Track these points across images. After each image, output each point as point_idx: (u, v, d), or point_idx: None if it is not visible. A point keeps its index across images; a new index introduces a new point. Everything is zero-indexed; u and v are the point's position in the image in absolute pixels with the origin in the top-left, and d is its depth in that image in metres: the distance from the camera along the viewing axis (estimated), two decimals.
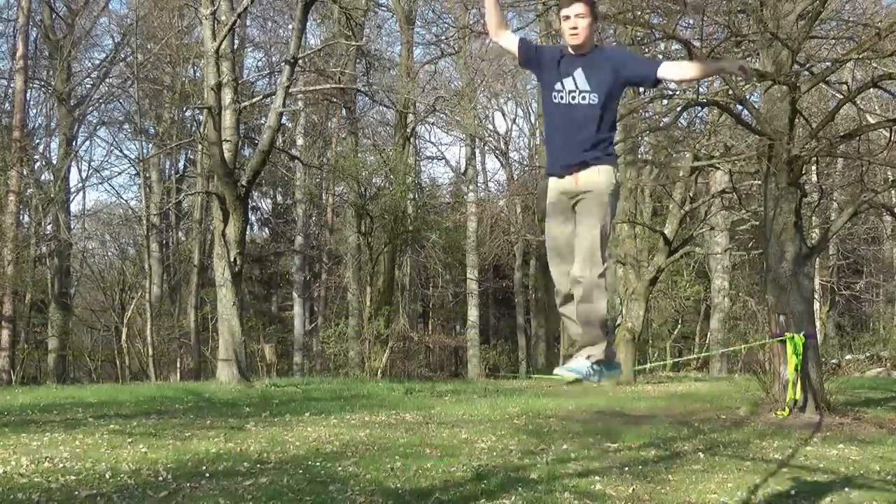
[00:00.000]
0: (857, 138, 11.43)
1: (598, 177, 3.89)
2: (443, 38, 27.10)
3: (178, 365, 24.53)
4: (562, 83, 3.94)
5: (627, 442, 8.28)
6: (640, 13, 10.91)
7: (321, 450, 7.36)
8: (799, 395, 9.94)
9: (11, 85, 23.77)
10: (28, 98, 24.00)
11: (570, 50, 3.96)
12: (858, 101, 11.96)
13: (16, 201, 21.93)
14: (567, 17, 3.90)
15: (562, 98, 3.93)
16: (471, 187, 28.94)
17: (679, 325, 26.22)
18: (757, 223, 18.42)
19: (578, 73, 3.91)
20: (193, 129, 26.33)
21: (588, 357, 3.93)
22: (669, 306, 25.62)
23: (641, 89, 14.32)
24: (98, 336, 27.76)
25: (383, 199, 23.24)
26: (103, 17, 26.24)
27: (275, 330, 28.12)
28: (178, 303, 27.30)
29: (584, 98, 3.88)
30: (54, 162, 24.49)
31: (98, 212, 30.05)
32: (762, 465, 7.06)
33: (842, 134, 11.54)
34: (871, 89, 11.34)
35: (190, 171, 29.05)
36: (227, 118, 15.77)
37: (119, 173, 60.48)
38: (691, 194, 18.64)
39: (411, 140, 26.74)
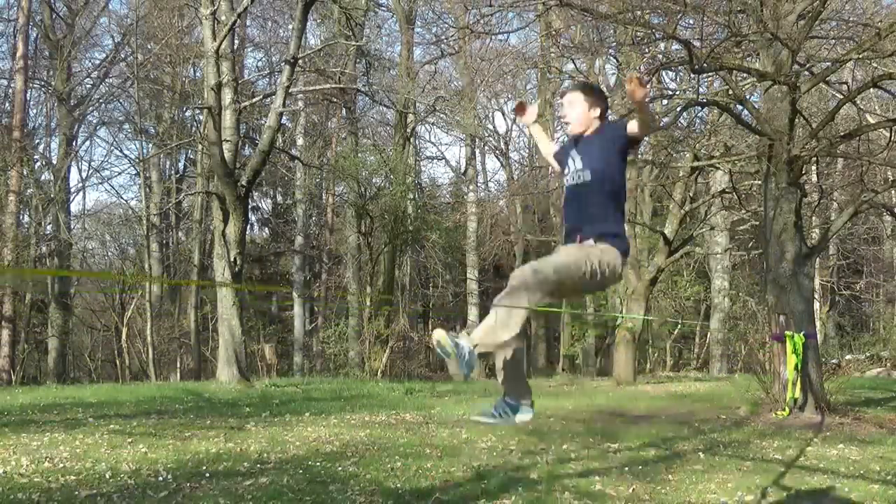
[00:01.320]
0: (857, 138, 11.42)
1: (598, 252, 3.81)
2: (443, 38, 27.12)
3: (178, 365, 24.54)
4: (567, 167, 4.08)
5: (627, 442, 8.28)
6: (640, 13, 10.90)
7: (321, 450, 7.36)
8: (799, 395, 9.94)
9: (11, 85, 23.78)
10: (28, 98, 24.03)
11: (572, 136, 4.14)
12: (858, 101, 11.96)
13: (16, 201, 21.94)
14: (560, 106, 4.15)
15: (569, 180, 4.06)
16: (471, 187, 28.95)
17: (679, 325, 26.22)
18: (757, 223, 18.43)
19: (574, 154, 4.05)
20: (193, 129, 26.34)
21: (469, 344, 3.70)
22: (669, 306, 25.63)
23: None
24: (98, 336, 27.76)
25: (383, 199, 23.25)
26: (103, 17, 26.28)
27: (275, 330, 28.13)
28: (178, 303, 27.30)
29: (578, 177, 3.97)
30: (54, 162, 24.49)
31: (98, 212, 30.07)
32: (762, 465, 7.05)
33: (842, 134, 11.54)
34: (871, 89, 11.32)
35: (190, 171, 29.06)
36: (227, 118, 15.78)
37: (119, 173, 60.49)
38: (691, 194, 18.65)
39: (411, 140, 26.75)
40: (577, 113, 4.03)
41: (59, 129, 24.46)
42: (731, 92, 10.97)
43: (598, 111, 4.03)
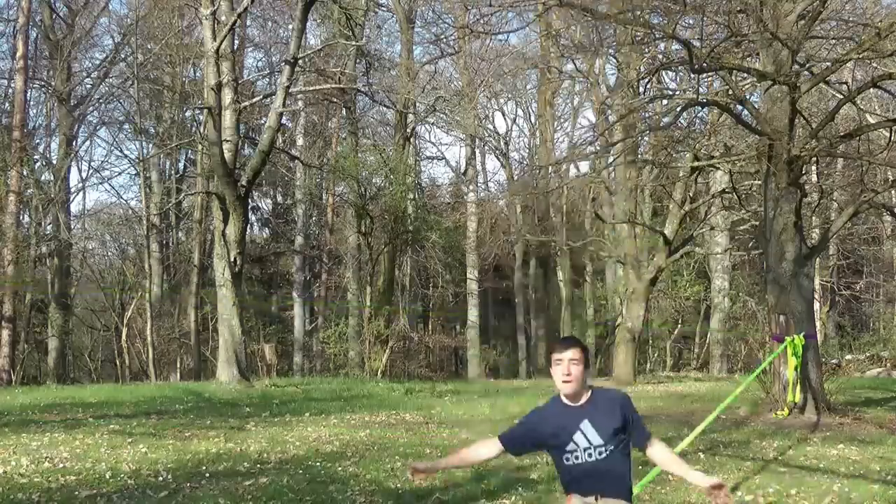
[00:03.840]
0: (857, 138, 11.42)
1: None
2: (443, 38, 27.15)
3: (178, 365, 24.54)
4: (574, 442, 3.62)
5: None
6: (640, 13, 10.91)
7: (321, 450, 7.36)
8: (799, 396, 9.93)
9: (11, 85, 23.77)
10: (28, 98, 24.02)
11: (565, 400, 3.67)
12: (858, 101, 11.95)
13: (16, 201, 21.93)
14: (560, 361, 3.60)
15: (577, 458, 3.62)
16: (471, 187, 28.96)
17: (679, 325, 26.22)
18: (757, 223, 18.42)
19: (587, 427, 3.62)
20: (193, 129, 26.34)
21: None
22: (669, 306, 25.63)
23: (641, 88, 14.35)
24: (98, 336, 27.76)
25: (383, 199, 23.25)
26: (103, 17, 26.25)
27: (275, 330, 28.13)
28: (178, 303, 27.29)
29: (600, 454, 3.59)
30: (54, 162, 24.48)
31: (98, 212, 30.06)
32: (762, 465, 7.05)
33: (842, 134, 11.54)
34: (871, 89, 11.33)
35: (190, 171, 29.05)
36: (227, 118, 15.77)
37: (119, 173, 60.52)
38: (691, 194, 18.64)
39: (411, 140, 26.75)
40: (579, 372, 3.62)
41: (59, 129, 24.45)
42: (731, 92, 10.97)
43: (588, 373, 3.70)
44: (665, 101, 13.91)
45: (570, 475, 3.65)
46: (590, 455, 3.59)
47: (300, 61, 18.60)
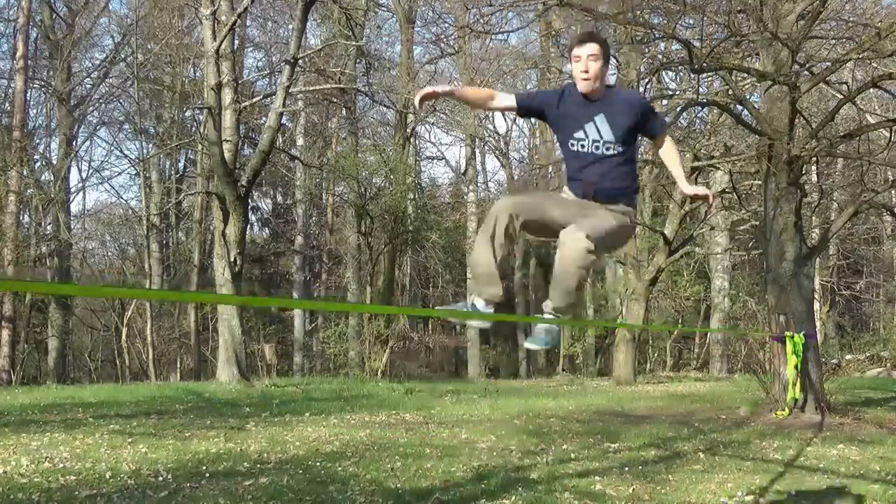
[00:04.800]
0: (857, 138, 11.43)
1: (616, 211, 3.75)
2: (443, 37, 27.14)
3: (178, 365, 24.55)
4: (583, 131, 3.68)
5: (627, 442, 8.28)
6: (639, 13, 10.91)
7: (321, 450, 7.36)
8: (799, 396, 9.93)
9: (11, 85, 23.77)
10: (28, 98, 24.01)
11: (580, 94, 3.67)
12: (858, 101, 11.96)
13: (16, 201, 21.93)
14: (578, 58, 3.61)
15: (583, 147, 3.70)
16: (471, 187, 28.94)
17: (679, 325, 26.22)
18: (757, 223, 18.43)
19: (601, 120, 3.66)
20: (193, 129, 26.34)
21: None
22: (669, 306, 25.63)
23: (641, 88, 14.34)
24: (98, 336, 27.76)
25: (383, 199, 23.25)
26: (103, 17, 26.26)
27: (275, 330, 28.13)
28: (178, 303, 27.27)
29: (608, 149, 3.66)
30: (54, 162, 24.49)
31: (98, 212, 30.08)
32: (762, 465, 7.06)
33: (842, 134, 11.54)
34: (871, 89, 11.33)
35: (190, 171, 29.06)
36: (227, 118, 15.78)
37: (119, 173, 60.37)
38: None
39: (411, 140, 26.75)
40: (597, 69, 3.61)
41: (59, 129, 24.45)
42: (731, 92, 10.97)
43: (607, 69, 3.74)
44: (665, 101, 13.91)
45: (575, 162, 3.74)
46: (597, 148, 3.67)
47: (300, 61, 18.60)
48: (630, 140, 3.73)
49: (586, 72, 3.60)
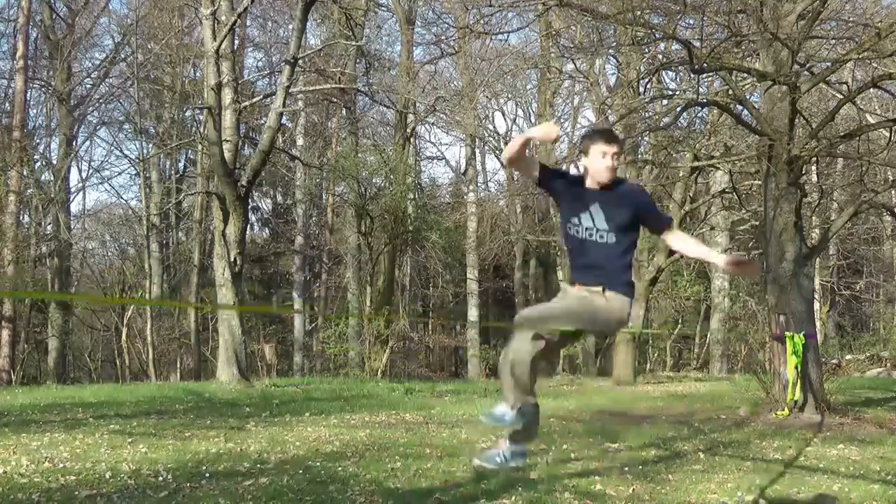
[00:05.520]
0: (857, 138, 11.42)
1: (613, 302, 3.85)
2: (443, 38, 27.14)
3: (178, 365, 24.53)
4: (578, 217, 3.88)
5: (627, 442, 8.28)
6: (640, 13, 10.90)
7: (321, 450, 7.35)
8: (799, 396, 9.94)
9: (11, 85, 23.77)
10: (28, 98, 24.01)
11: (592, 182, 3.90)
12: (858, 101, 11.96)
13: (16, 201, 21.93)
14: (606, 154, 3.83)
15: (577, 232, 3.89)
16: (471, 187, 28.94)
17: (679, 325, 26.22)
18: (757, 223, 18.43)
19: (596, 210, 3.86)
20: (193, 129, 26.34)
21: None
22: (669, 306, 25.62)
23: (641, 89, 14.35)
24: (98, 336, 27.76)
25: (383, 199, 23.24)
26: (103, 17, 26.27)
27: (275, 330, 28.13)
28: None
29: (601, 237, 3.84)
30: (54, 162, 24.48)
31: (98, 212, 30.08)
32: (762, 466, 7.05)
33: (842, 134, 11.54)
34: (871, 89, 11.33)
35: (190, 171, 29.06)
36: (227, 118, 15.77)
37: (119, 173, 60.45)
38: (691, 194, 18.64)
39: (411, 140, 26.75)
40: (617, 166, 3.88)
41: (59, 129, 24.45)
42: (731, 92, 10.97)
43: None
44: (665, 101, 13.92)
45: (572, 244, 3.91)
46: (590, 234, 3.85)
47: (300, 61, 18.60)
48: (627, 231, 3.86)
49: (612, 168, 3.84)
